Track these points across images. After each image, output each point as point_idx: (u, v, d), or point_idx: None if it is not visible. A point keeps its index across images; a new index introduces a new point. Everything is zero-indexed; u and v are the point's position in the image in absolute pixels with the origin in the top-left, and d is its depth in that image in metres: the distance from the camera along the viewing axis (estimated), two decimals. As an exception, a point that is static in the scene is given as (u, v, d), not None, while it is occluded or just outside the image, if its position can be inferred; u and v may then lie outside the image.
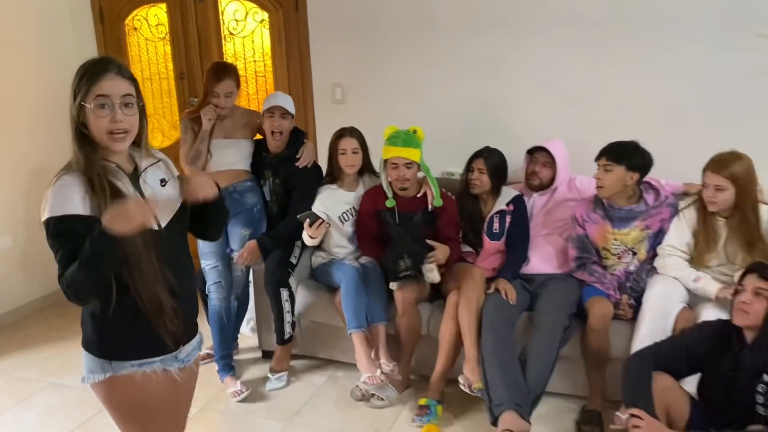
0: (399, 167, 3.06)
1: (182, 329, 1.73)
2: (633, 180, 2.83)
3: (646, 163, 2.86)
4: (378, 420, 2.88)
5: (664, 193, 2.91)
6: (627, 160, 2.82)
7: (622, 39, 3.33)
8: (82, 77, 1.59)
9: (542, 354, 2.67)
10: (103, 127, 1.58)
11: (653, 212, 2.87)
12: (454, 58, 3.65)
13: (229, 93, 3.17)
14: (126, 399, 1.73)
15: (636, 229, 2.87)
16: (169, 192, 1.75)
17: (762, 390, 2.00)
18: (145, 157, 1.73)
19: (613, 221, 2.91)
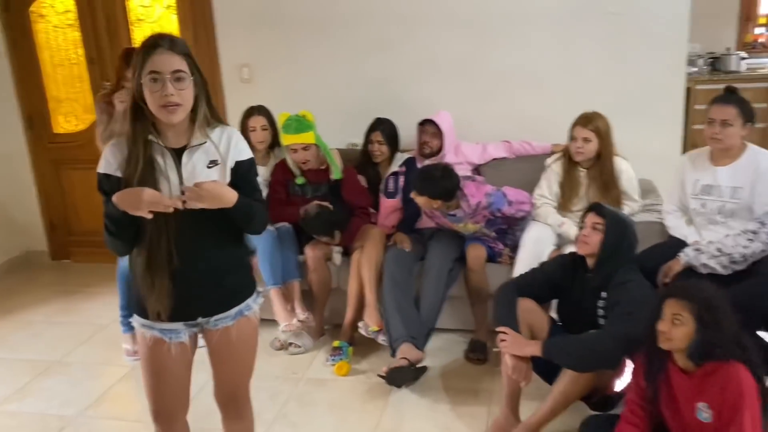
0: (297, 151, 3.39)
1: (179, 310, 1.81)
2: (438, 204, 3.11)
3: (446, 188, 3.09)
4: (296, 364, 3.24)
5: (474, 201, 3.13)
6: (428, 193, 3.09)
7: (495, 17, 3.76)
8: (139, 54, 1.70)
9: (431, 294, 3.10)
10: (156, 102, 1.67)
11: (473, 215, 3.18)
12: (351, 38, 3.99)
13: None
14: (139, 348, 1.93)
15: (469, 224, 3.22)
16: (212, 175, 1.78)
17: (601, 305, 2.47)
18: (200, 135, 1.77)
19: (447, 218, 3.25)
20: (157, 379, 1.91)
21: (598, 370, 2.32)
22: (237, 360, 1.98)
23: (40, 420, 2.89)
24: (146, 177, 1.71)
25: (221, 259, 1.87)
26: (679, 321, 1.95)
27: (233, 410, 2.06)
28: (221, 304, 1.89)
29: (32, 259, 4.93)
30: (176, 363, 1.89)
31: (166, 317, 1.82)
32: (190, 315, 1.87)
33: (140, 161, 1.70)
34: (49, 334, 3.73)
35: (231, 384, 2.02)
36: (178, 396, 1.97)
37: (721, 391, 1.93)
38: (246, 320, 1.93)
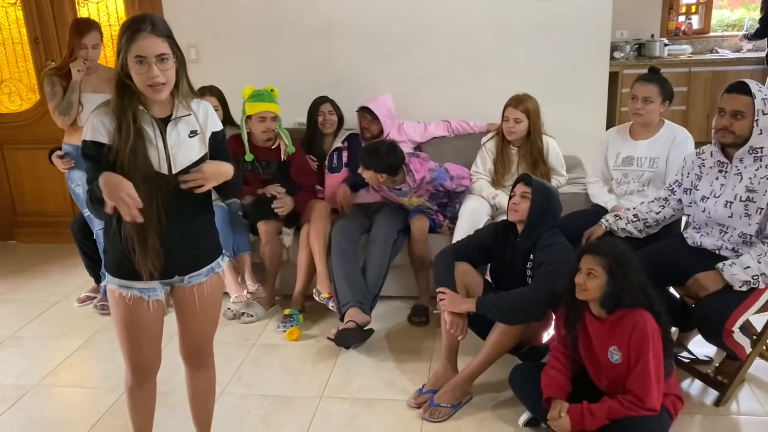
0: (266, 120, 3.53)
1: (163, 268, 1.94)
2: (384, 178, 3.29)
3: (391, 162, 3.26)
4: (248, 332, 3.41)
5: (419, 176, 3.31)
6: (374, 167, 3.26)
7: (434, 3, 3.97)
8: (122, 37, 1.80)
9: (377, 261, 3.31)
10: (143, 82, 1.80)
11: (417, 189, 3.38)
12: (294, 20, 4.13)
13: (95, 45, 3.42)
14: (114, 310, 2.02)
15: (413, 197, 3.42)
16: (193, 144, 1.93)
17: (529, 266, 2.73)
18: (182, 107, 1.91)
19: (394, 192, 3.45)
20: (137, 337, 2.02)
21: (526, 323, 2.58)
22: (206, 313, 2.14)
23: (-2, 390, 2.98)
24: (137, 145, 1.84)
25: (198, 223, 2.04)
26: (593, 274, 2.21)
27: (199, 361, 2.23)
28: (196, 263, 2.05)
29: (-25, 240, 4.91)
30: (153, 320, 2.03)
31: (158, 275, 1.95)
32: (168, 273, 1.99)
33: (131, 131, 1.83)
34: (2, 311, 3.77)
35: (200, 336, 2.18)
36: (155, 351, 2.11)
37: (628, 335, 2.20)
38: (216, 276, 2.11)
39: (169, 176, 1.90)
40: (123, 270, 1.97)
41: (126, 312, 1.99)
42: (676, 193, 2.83)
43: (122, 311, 1.99)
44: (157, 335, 2.09)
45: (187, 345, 2.19)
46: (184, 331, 2.17)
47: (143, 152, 1.86)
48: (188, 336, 2.17)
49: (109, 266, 2.02)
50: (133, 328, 2.02)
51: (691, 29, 6.72)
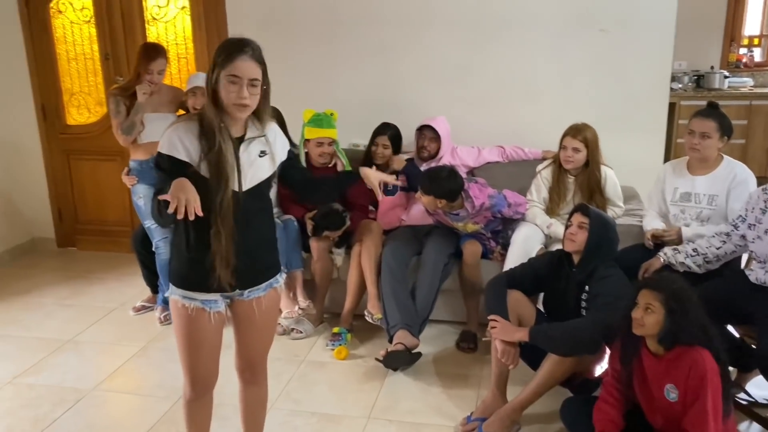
0: (324, 145, 3.62)
1: (234, 281, 2.00)
2: (442, 204, 3.30)
3: (451, 189, 3.26)
4: (297, 348, 3.45)
5: (478, 203, 3.32)
6: (433, 192, 3.27)
7: (493, 27, 4.00)
8: (222, 53, 1.93)
9: (426, 285, 3.32)
10: (231, 99, 1.90)
11: (474, 216, 3.38)
12: (353, 44, 4.21)
13: (161, 71, 3.59)
14: (176, 320, 2.07)
15: (469, 224, 3.41)
16: (263, 163, 2.04)
17: (584, 297, 2.70)
18: (256, 130, 2.03)
19: (449, 217, 3.44)
20: (197, 348, 2.07)
21: (579, 355, 2.55)
22: (263, 327, 2.21)
23: (57, 392, 3.08)
24: (219, 157, 1.92)
25: (262, 239, 2.11)
26: (651, 309, 2.18)
27: (252, 376, 2.28)
28: (257, 278, 2.11)
29: (39, 246, 5.10)
30: (214, 332, 2.08)
31: (235, 286, 2.02)
32: (231, 287, 2.03)
33: (217, 143, 1.92)
34: (60, 315, 3.91)
35: (255, 350, 2.24)
36: (214, 363, 2.16)
37: (686, 374, 2.15)
38: (274, 292, 2.17)
39: (239, 192, 1.97)
40: (187, 281, 2.03)
41: (188, 323, 2.04)
42: (740, 229, 2.77)
43: (184, 322, 2.05)
44: (217, 347, 2.14)
45: (243, 359, 2.25)
46: (240, 346, 2.22)
47: (223, 165, 1.93)
48: (244, 350, 2.23)
49: (174, 277, 2.07)
50: (194, 339, 2.06)
51: (752, 62, 6.58)
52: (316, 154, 3.64)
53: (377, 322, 3.37)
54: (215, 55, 1.95)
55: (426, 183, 3.29)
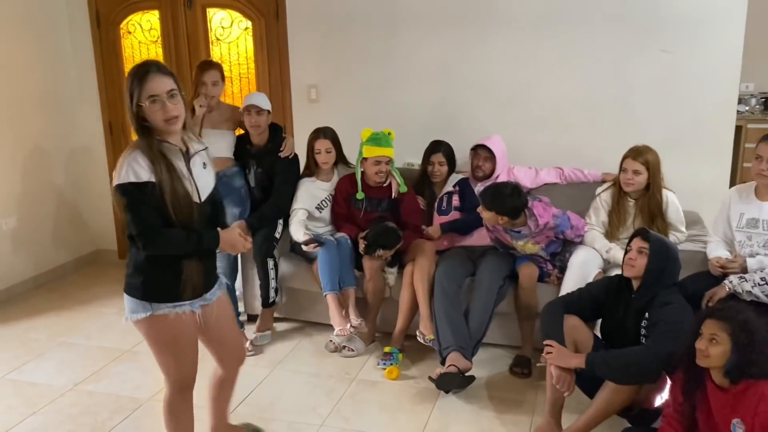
0: (381, 164, 3.65)
1: (203, 283, 2.26)
2: (504, 221, 3.26)
3: (514, 206, 3.24)
4: (348, 366, 3.45)
5: (543, 221, 3.28)
6: (496, 208, 3.24)
7: (550, 48, 3.98)
8: (133, 82, 2.04)
9: (481, 307, 3.27)
10: (159, 118, 2.05)
11: (536, 236, 3.34)
12: (410, 65, 4.25)
13: (215, 82, 3.69)
14: (162, 333, 2.22)
15: (529, 243, 3.37)
16: (208, 174, 2.26)
17: (644, 324, 2.62)
18: (195, 143, 2.24)
19: (510, 235, 3.42)
20: (186, 350, 2.30)
21: (638, 384, 2.47)
22: (231, 321, 2.56)
23: (115, 400, 3.16)
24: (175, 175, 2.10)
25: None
26: (716, 340, 2.09)
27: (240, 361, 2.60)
28: (214, 281, 2.37)
29: (102, 257, 5.28)
30: (194, 332, 2.30)
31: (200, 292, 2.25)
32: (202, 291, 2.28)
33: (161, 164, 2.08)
34: (119, 326, 4.01)
35: (235, 341, 2.57)
36: (196, 361, 2.38)
37: (754, 409, 2.06)
38: (223, 294, 2.45)
39: (200, 203, 2.19)
40: (172, 293, 2.19)
41: (176, 328, 2.22)
42: (809, 258, 2.65)
43: (172, 331, 2.22)
44: (197, 346, 2.38)
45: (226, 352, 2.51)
46: (225, 339, 2.47)
47: (183, 183, 2.13)
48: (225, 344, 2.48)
49: (157, 294, 2.19)
50: (183, 342, 2.28)
51: (824, 84, 6.31)
52: (373, 172, 3.67)
53: (429, 343, 3.35)
54: (127, 88, 2.06)
55: (488, 198, 3.27)
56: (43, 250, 4.81)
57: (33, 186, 4.68)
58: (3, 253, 4.48)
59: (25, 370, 3.49)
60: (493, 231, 3.47)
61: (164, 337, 2.23)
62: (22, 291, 4.59)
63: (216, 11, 4.58)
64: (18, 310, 4.28)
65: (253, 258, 3.72)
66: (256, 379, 3.31)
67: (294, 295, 3.89)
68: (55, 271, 4.89)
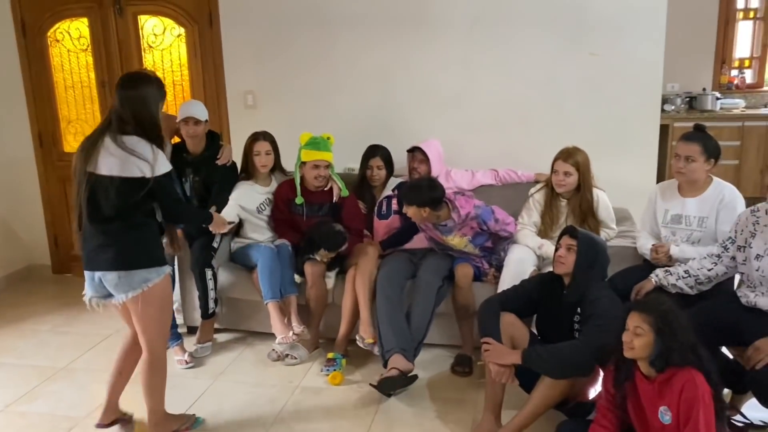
0: (320, 168, 3.65)
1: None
2: (427, 212, 3.31)
3: (432, 197, 3.30)
4: (291, 374, 3.43)
5: (464, 212, 3.35)
6: (416, 201, 3.30)
7: (484, 52, 4.07)
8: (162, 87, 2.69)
9: (421, 308, 3.31)
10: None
11: (462, 226, 3.40)
12: (348, 70, 4.28)
13: None
14: (167, 291, 2.70)
15: (456, 236, 3.43)
16: None
17: (576, 319, 2.70)
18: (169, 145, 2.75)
19: (439, 230, 3.47)
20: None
21: (573, 377, 2.54)
22: None
23: (50, 420, 3.06)
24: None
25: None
26: (640, 332, 2.18)
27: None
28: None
29: (34, 272, 5.11)
30: None
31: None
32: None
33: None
34: (54, 343, 3.90)
35: None
36: None
37: (679, 395, 2.15)
38: None
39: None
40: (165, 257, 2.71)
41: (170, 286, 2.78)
42: (729, 251, 2.78)
43: (169, 287, 2.74)
44: None
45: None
46: None
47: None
48: None
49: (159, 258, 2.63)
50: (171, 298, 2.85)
51: (744, 83, 6.63)
52: (312, 176, 3.66)
53: (368, 347, 3.36)
54: (160, 88, 2.64)
55: (407, 194, 3.33)
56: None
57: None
58: (-74, 272, 4.28)
59: (-50, 394, 3.34)
60: (425, 230, 3.52)
61: (167, 294, 2.70)
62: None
63: (147, 18, 4.50)
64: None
65: (191, 269, 3.66)
66: (197, 391, 3.26)
67: (234, 305, 3.85)
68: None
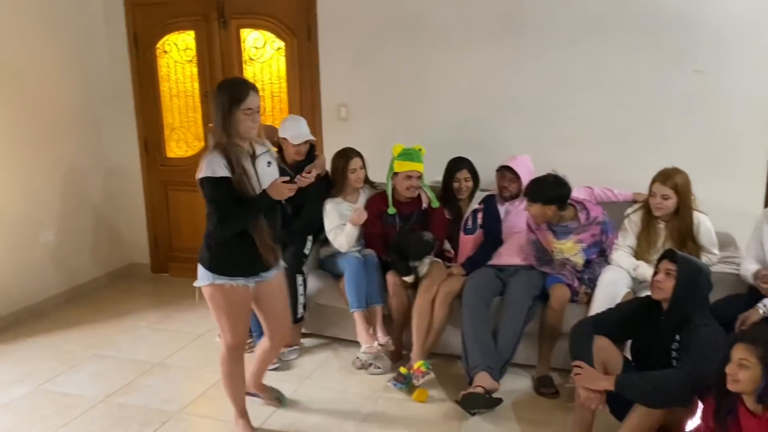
0: (412, 178, 3.69)
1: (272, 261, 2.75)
2: (552, 210, 3.31)
3: (560, 194, 3.33)
4: (375, 383, 3.45)
5: (594, 214, 3.37)
6: (541, 198, 3.33)
7: (579, 66, 3.98)
8: (235, 92, 2.57)
9: (510, 328, 3.26)
10: (249, 126, 2.59)
11: (584, 229, 3.38)
12: (439, 83, 4.29)
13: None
14: (219, 299, 2.70)
15: (571, 241, 3.38)
16: (272, 170, 2.72)
17: (675, 347, 2.59)
18: (259, 146, 2.71)
19: (554, 233, 3.46)
20: (236, 317, 2.75)
21: (669, 407, 2.43)
22: (285, 297, 2.97)
23: (145, 413, 3.21)
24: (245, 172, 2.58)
25: (276, 230, 2.76)
26: (746, 365, 2.06)
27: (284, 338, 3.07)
28: (276, 262, 2.80)
29: (134, 271, 5.39)
30: (246, 303, 2.77)
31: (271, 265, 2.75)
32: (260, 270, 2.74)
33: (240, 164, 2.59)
34: (151, 339, 4.10)
35: (285, 315, 3.00)
36: (246, 329, 2.90)
37: (788, 435, 2.02)
38: (281, 273, 2.89)
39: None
40: (236, 268, 2.68)
41: (232, 298, 2.68)
42: None
43: (229, 299, 2.69)
44: (249, 314, 2.85)
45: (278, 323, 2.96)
46: (273, 314, 2.91)
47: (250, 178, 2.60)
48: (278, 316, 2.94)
49: (222, 268, 2.66)
50: (235, 309, 2.73)
51: None
52: (404, 187, 3.70)
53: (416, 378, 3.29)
54: (225, 95, 2.57)
55: (533, 189, 3.33)
56: (78, 263, 4.93)
57: (70, 201, 4.81)
58: (39, 266, 4.59)
59: (58, 381, 3.56)
60: (536, 230, 3.48)
61: (220, 302, 2.70)
62: (57, 303, 4.69)
63: (250, 32, 4.68)
64: (53, 322, 4.38)
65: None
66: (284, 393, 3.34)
67: (321, 311, 3.92)
68: (89, 284, 5.00)
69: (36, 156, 4.50)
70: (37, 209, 4.56)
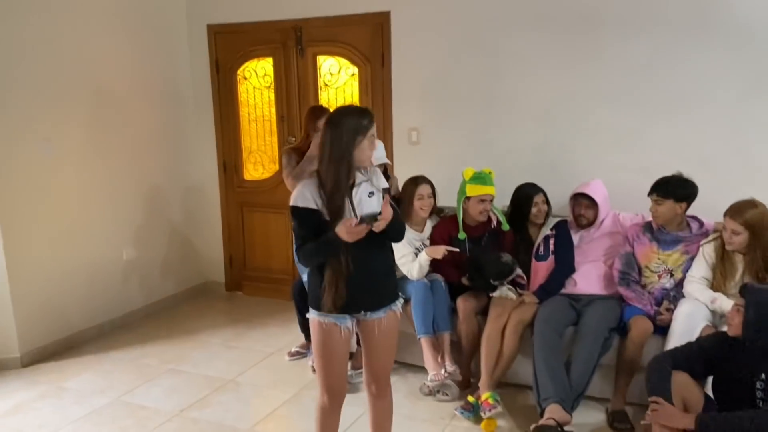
0: (486, 202, 3.69)
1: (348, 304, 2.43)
2: (682, 209, 3.32)
3: (691, 192, 3.34)
4: (442, 410, 3.42)
5: (707, 225, 3.37)
6: (673, 194, 3.31)
7: (659, 91, 3.88)
8: (363, 119, 2.40)
9: (584, 359, 3.17)
10: (367, 155, 2.44)
11: (695, 239, 3.33)
12: (512, 107, 4.28)
13: None
14: (315, 335, 2.52)
15: (678, 252, 3.31)
16: (372, 202, 2.45)
17: (760, 386, 2.45)
18: (361, 175, 2.47)
19: (659, 243, 3.39)
20: (330, 357, 2.51)
21: (756, 451, 2.30)
22: (385, 343, 2.60)
23: (217, 428, 3.29)
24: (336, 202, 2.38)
25: (380, 267, 2.53)
26: None
27: (378, 390, 2.65)
28: (379, 301, 2.53)
29: (209, 288, 5.56)
30: (343, 344, 2.52)
31: (337, 311, 2.44)
32: (356, 308, 2.48)
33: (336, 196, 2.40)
34: (224, 356, 4.21)
35: (379, 364, 2.62)
36: (343, 373, 2.60)
37: None
38: (393, 313, 2.58)
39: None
40: (316, 303, 2.48)
41: (323, 337, 2.49)
42: None
43: (320, 337, 2.50)
44: (345, 358, 2.59)
45: (369, 373, 2.63)
46: (369, 359, 2.61)
47: (341, 209, 2.39)
48: (373, 363, 2.61)
49: (313, 302, 2.51)
50: (328, 349, 2.50)
51: None
52: (477, 211, 3.69)
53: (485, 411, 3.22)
54: (356, 121, 2.38)
55: (663, 187, 3.32)
56: (157, 280, 5.13)
57: (151, 220, 5.03)
58: (120, 282, 4.81)
59: (137, 393, 3.70)
60: (634, 241, 3.46)
61: (316, 339, 2.53)
62: (136, 318, 4.89)
63: (326, 58, 4.80)
64: (132, 337, 4.56)
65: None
66: (351, 417, 3.34)
67: (390, 335, 3.91)
68: (167, 300, 5.19)
69: (123, 175, 4.74)
70: (122, 227, 4.79)
